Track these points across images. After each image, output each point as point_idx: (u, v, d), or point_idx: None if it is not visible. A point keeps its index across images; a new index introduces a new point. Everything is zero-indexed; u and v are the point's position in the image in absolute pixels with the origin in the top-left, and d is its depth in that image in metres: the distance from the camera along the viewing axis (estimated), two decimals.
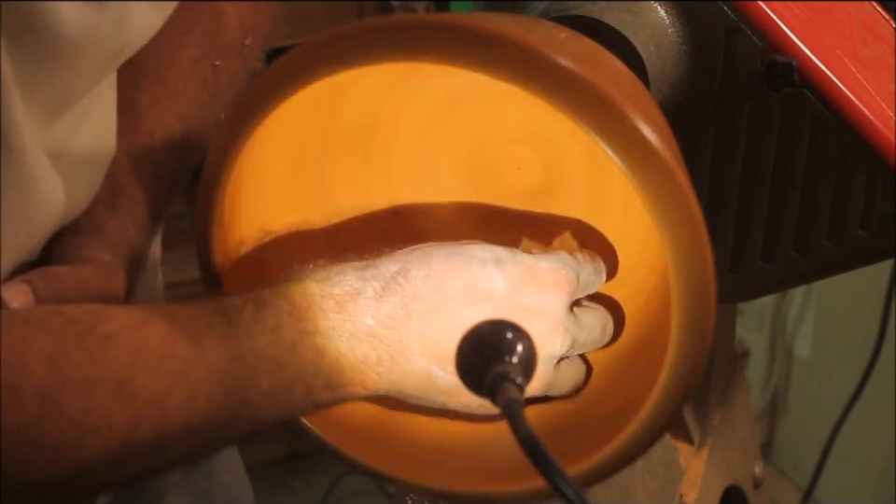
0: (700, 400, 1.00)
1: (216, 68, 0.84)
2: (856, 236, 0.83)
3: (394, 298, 0.65)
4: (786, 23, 0.80)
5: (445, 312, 0.65)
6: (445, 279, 0.66)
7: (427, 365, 0.65)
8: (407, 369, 0.65)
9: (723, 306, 0.79)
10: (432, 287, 0.65)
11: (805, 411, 2.19)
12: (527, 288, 0.67)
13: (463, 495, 0.73)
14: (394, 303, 0.65)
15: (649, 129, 0.60)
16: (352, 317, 0.64)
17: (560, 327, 0.68)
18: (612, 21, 0.78)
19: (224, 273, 0.72)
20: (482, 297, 0.66)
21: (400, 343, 0.65)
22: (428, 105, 0.76)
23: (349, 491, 2.19)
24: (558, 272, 0.69)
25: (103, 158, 0.75)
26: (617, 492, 0.88)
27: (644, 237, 0.72)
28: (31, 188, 0.67)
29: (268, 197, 0.74)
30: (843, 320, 2.08)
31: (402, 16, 1.70)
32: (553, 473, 0.54)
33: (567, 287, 0.69)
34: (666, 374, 0.65)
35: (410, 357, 0.65)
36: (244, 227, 0.73)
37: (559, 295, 0.68)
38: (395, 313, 0.64)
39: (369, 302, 0.64)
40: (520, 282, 0.67)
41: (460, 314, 0.65)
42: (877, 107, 0.81)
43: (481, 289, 0.66)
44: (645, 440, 0.67)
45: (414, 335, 0.65)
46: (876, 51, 0.85)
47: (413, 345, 0.65)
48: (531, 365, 0.63)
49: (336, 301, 0.64)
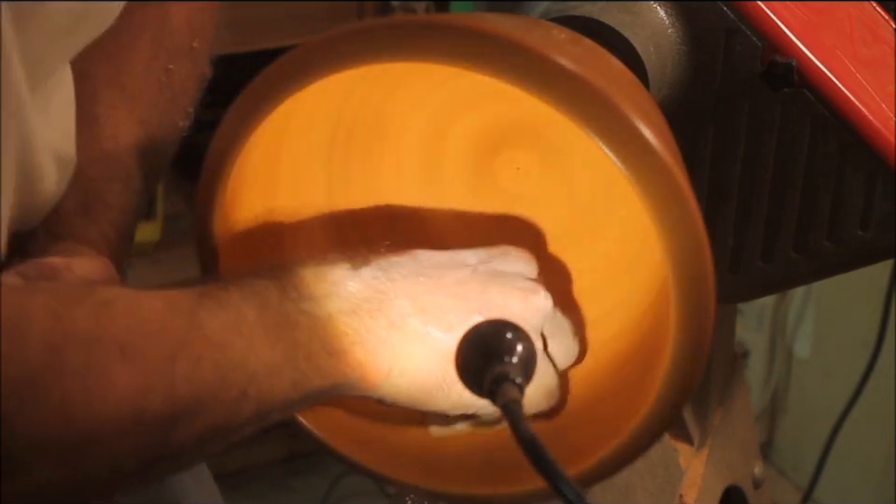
0: (700, 400, 1.00)
1: (168, 71, 0.84)
2: (856, 236, 0.83)
3: (370, 268, 0.66)
4: (786, 24, 0.80)
5: (427, 273, 0.67)
6: (418, 255, 0.69)
7: (422, 325, 0.66)
8: (404, 330, 0.66)
9: (723, 306, 0.79)
10: (407, 258, 0.68)
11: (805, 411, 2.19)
12: (499, 259, 0.70)
13: (463, 495, 0.73)
14: (372, 268, 0.66)
15: (648, 129, 0.60)
16: (335, 284, 0.65)
17: (538, 286, 0.70)
18: (612, 22, 0.78)
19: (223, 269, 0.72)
20: (456, 265, 0.69)
21: (390, 300, 0.65)
22: (428, 105, 0.76)
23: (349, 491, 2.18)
24: (520, 249, 0.72)
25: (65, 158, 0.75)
26: (617, 492, 0.88)
27: (644, 237, 0.72)
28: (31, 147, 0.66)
29: (268, 198, 0.74)
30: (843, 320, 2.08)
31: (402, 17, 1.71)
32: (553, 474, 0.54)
33: (532, 259, 0.72)
34: (666, 375, 0.65)
35: (403, 317, 0.66)
36: (243, 226, 0.73)
37: (528, 262, 0.71)
38: (375, 274, 0.66)
39: (347, 272, 0.66)
40: (489, 256, 0.70)
41: (442, 273, 0.67)
42: (877, 107, 0.81)
43: (453, 260, 0.69)
44: (645, 440, 0.67)
45: (402, 294, 0.66)
46: (876, 51, 0.85)
47: (404, 304, 0.66)
48: (531, 365, 0.63)
49: (314, 274, 0.65)
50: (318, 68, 0.64)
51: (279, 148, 0.72)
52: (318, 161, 0.76)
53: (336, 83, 0.64)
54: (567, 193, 0.78)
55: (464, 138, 0.78)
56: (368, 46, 0.63)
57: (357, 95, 0.72)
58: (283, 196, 0.75)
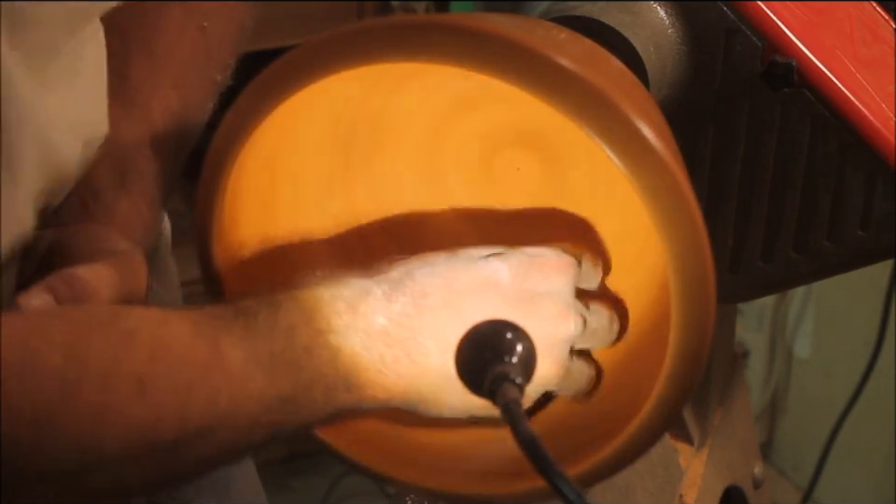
0: (700, 400, 1.00)
1: (203, 29, 0.83)
2: (856, 236, 0.83)
3: (403, 297, 0.65)
4: (786, 23, 0.80)
5: (456, 305, 0.66)
6: (451, 276, 0.67)
7: (443, 362, 0.65)
8: (424, 366, 0.65)
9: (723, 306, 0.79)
10: (439, 283, 0.66)
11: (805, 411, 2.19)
12: (532, 275, 0.68)
13: (463, 495, 0.73)
14: (403, 302, 0.65)
15: (648, 129, 0.60)
16: (364, 317, 0.64)
17: (570, 307, 0.69)
18: (612, 22, 0.78)
19: (224, 273, 0.72)
20: (489, 286, 0.67)
21: (415, 340, 0.65)
22: (429, 106, 0.76)
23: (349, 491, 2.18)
24: (560, 256, 0.70)
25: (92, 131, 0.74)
26: (617, 492, 0.88)
27: (644, 237, 0.72)
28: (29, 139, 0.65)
29: (269, 198, 0.74)
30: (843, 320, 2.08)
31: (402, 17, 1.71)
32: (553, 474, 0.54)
33: (569, 269, 0.70)
34: (666, 374, 0.65)
35: (426, 354, 0.65)
36: (244, 228, 0.73)
37: (564, 277, 0.69)
38: (406, 310, 0.65)
39: (379, 302, 0.64)
40: (524, 270, 0.68)
41: (471, 305, 0.66)
42: (877, 107, 0.81)
43: (487, 280, 0.67)
44: (645, 440, 0.67)
45: (428, 332, 0.65)
46: (876, 51, 0.85)
47: (428, 342, 0.65)
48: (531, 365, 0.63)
49: (346, 303, 0.64)
50: (318, 68, 0.64)
51: (280, 149, 0.72)
52: (319, 162, 0.76)
53: (336, 83, 0.64)
54: (567, 194, 0.78)
55: (464, 139, 0.78)
56: (368, 46, 0.63)
57: (357, 96, 0.72)
58: (284, 196, 0.75)
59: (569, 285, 0.69)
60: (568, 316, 0.69)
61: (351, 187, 0.77)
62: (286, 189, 0.75)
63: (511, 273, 0.68)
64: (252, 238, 0.74)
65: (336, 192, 0.77)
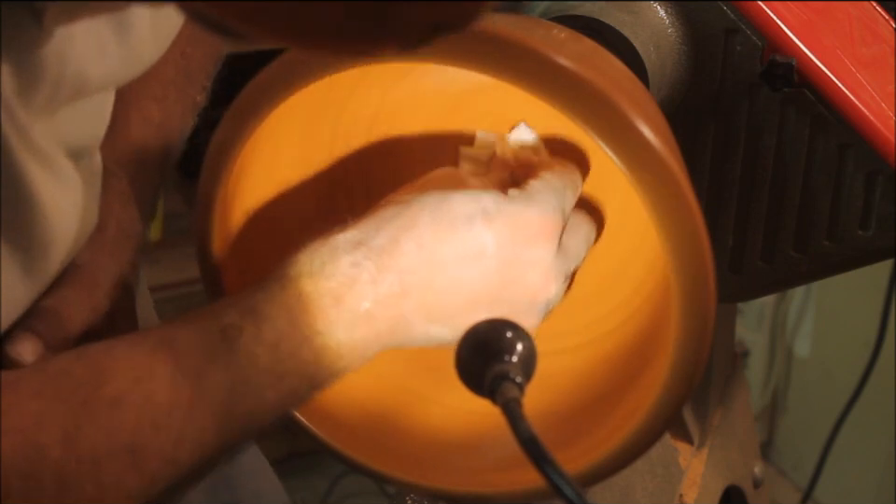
0: (700, 400, 1.00)
1: (185, 54, 0.85)
2: (855, 236, 0.83)
3: (389, 276, 0.65)
4: (786, 23, 0.80)
5: (440, 278, 0.66)
6: (435, 247, 0.66)
7: (427, 327, 0.66)
8: (407, 335, 0.66)
9: (723, 306, 0.79)
10: (424, 257, 0.66)
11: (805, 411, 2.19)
12: (517, 241, 0.67)
13: (463, 495, 0.73)
14: (390, 282, 0.65)
15: (649, 129, 0.60)
16: (349, 308, 0.64)
17: (552, 272, 0.68)
18: (612, 21, 0.78)
19: (224, 272, 0.72)
20: (473, 257, 0.67)
21: (401, 316, 0.65)
22: (429, 105, 0.76)
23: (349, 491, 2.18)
24: (545, 216, 0.68)
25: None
26: (617, 492, 0.88)
27: (643, 237, 0.72)
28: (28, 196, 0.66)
29: (268, 199, 0.74)
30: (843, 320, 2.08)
31: None
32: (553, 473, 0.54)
33: (555, 229, 0.69)
34: (666, 374, 0.65)
35: (410, 325, 0.65)
36: (244, 225, 0.73)
37: (549, 241, 0.68)
38: (391, 290, 0.65)
39: (365, 287, 0.64)
40: (509, 236, 0.67)
41: (455, 274, 0.66)
42: (877, 107, 0.81)
43: (472, 250, 0.67)
44: (645, 440, 0.68)
45: (412, 306, 0.65)
46: (876, 51, 0.85)
47: (412, 315, 0.65)
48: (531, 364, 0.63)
49: (333, 296, 0.64)
50: (319, 67, 0.64)
51: (280, 148, 0.72)
52: (319, 162, 0.76)
53: (336, 82, 0.64)
54: None
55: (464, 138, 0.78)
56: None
57: (356, 95, 0.72)
58: (284, 196, 0.75)
59: (553, 246, 0.68)
60: (550, 282, 0.68)
61: (350, 188, 0.77)
62: (286, 190, 0.75)
63: (496, 241, 0.67)
64: (253, 237, 0.74)
65: (335, 194, 0.77)
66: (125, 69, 0.70)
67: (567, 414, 0.74)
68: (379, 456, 0.74)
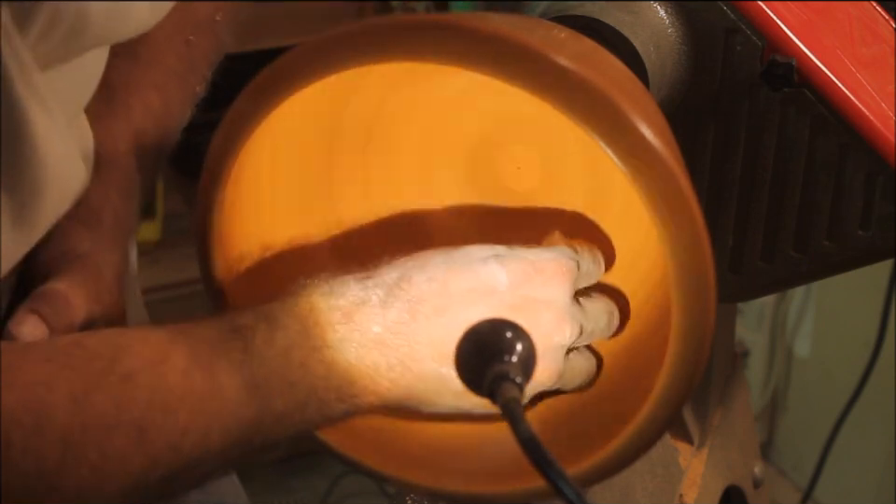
0: (700, 400, 1.00)
1: (189, 42, 0.84)
2: (855, 236, 0.83)
3: (398, 303, 0.65)
4: (786, 23, 0.80)
5: (451, 312, 0.65)
6: (448, 280, 0.66)
7: (437, 367, 0.65)
8: (418, 373, 0.65)
9: (723, 306, 0.79)
10: (435, 289, 0.65)
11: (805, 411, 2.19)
12: (531, 281, 0.67)
13: (463, 495, 0.73)
14: (399, 308, 0.65)
15: (649, 129, 0.60)
16: (359, 327, 0.64)
17: (566, 315, 0.68)
18: (612, 21, 0.78)
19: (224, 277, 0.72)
20: (486, 293, 0.66)
21: (410, 347, 0.64)
22: (429, 105, 0.76)
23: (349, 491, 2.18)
24: (559, 261, 0.69)
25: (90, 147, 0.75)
26: (617, 492, 0.88)
27: (644, 237, 0.72)
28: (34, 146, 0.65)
29: (268, 200, 0.74)
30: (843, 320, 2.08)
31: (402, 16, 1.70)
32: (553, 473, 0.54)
33: (568, 275, 0.69)
34: (666, 374, 0.65)
35: (420, 360, 0.65)
36: (244, 229, 0.73)
37: (562, 284, 0.68)
38: (401, 317, 0.64)
39: (374, 310, 0.64)
40: (523, 275, 0.67)
41: (467, 312, 0.65)
42: (877, 107, 0.81)
43: (485, 286, 0.66)
44: (645, 439, 0.67)
45: (423, 338, 0.65)
46: (876, 51, 0.85)
47: (423, 349, 0.65)
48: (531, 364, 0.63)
49: (342, 312, 0.64)
50: (318, 68, 0.64)
51: (280, 149, 0.71)
52: (319, 163, 0.76)
53: (336, 83, 0.64)
54: (567, 193, 0.78)
55: (464, 138, 0.78)
56: (368, 45, 0.63)
57: (356, 95, 0.72)
58: (283, 197, 0.75)
59: (567, 290, 0.69)
60: (564, 324, 0.68)
61: (352, 185, 0.77)
62: (286, 191, 0.75)
63: (510, 279, 0.67)
64: (252, 240, 0.73)
65: (336, 192, 0.77)
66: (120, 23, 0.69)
67: (568, 414, 0.74)
68: (379, 456, 0.74)
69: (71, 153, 0.69)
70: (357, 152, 0.77)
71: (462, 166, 0.79)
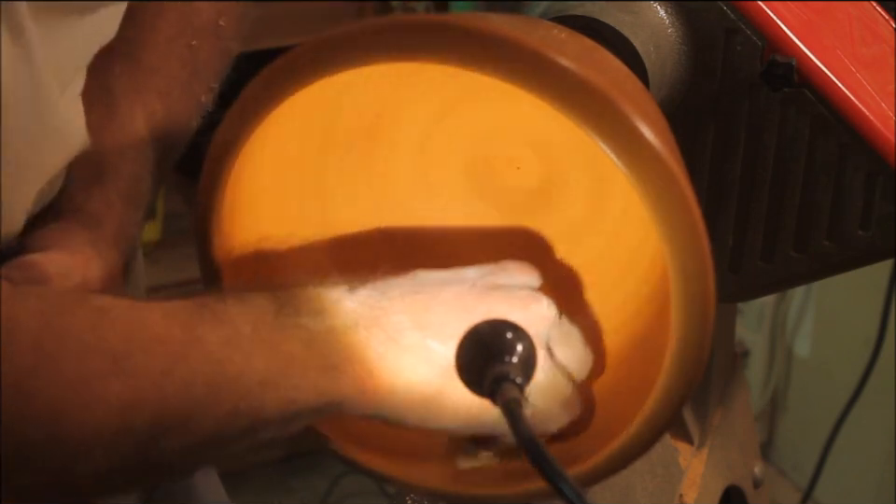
0: (700, 400, 1.00)
1: (192, 48, 0.84)
2: (855, 236, 0.83)
3: (367, 289, 0.66)
4: (786, 23, 0.80)
5: (425, 290, 0.67)
6: (418, 275, 0.68)
7: (420, 339, 0.65)
8: (402, 344, 0.65)
9: (723, 306, 0.79)
10: (405, 278, 0.68)
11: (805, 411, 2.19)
12: (498, 274, 0.70)
13: (463, 495, 0.73)
14: (370, 290, 0.66)
15: (648, 129, 0.60)
16: (333, 303, 0.64)
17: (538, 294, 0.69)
18: (612, 21, 0.78)
19: (224, 275, 0.72)
20: (458, 280, 0.68)
21: (388, 318, 0.65)
22: (429, 106, 0.76)
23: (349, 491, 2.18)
24: (519, 263, 0.71)
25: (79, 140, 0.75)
26: (617, 492, 0.88)
27: (644, 236, 0.72)
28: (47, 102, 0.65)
29: (268, 200, 0.74)
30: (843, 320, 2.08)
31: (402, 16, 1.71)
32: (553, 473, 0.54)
33: (533, 272, 0.71)
34: (666, 374, 0.65)
35: (401, 331, 0.65)
36: (244, 229, 0.73)
37: (529, 274, 0.71)
38: (373, 294, 0.66)
39: (344, 292, 0.65)
40: (488, 271, 0.70)
41: (440, 289, 0.67)
42: (877, 107, 0.81)
43: (456, 276, 0.69)
44: (645, 440, 0.67)
45: (399, 310, 0.65)
46: (876, 51, 0.85)
47: (401, 319, 0.65)
48: (531, 365, 0.63)
49: (315, 292, 0.65)
50: (318, 68, 0.64)
51: (281, 149, 0.71)
52: (319, 163, 0.76)
53: (336, 83, 0.64)
54: (567, 193, 0.78)
55: (464, 138, 0.78)
56: (368, 45, 0.63)
57: (357, 95, 0.72)
58: (283, 198, 0.75)
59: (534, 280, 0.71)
60: (540, 299, 0.69)
61: (352, 186, 0.77)
62: (285, 191, 0.75)
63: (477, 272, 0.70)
64: (252, 240, 0.73)
65: (336, 192, 0.77)
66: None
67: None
68: (379, 456, 0.74)
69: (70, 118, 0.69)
70: (358, 152, 0.77)
71: (462, 166, 0.79)
